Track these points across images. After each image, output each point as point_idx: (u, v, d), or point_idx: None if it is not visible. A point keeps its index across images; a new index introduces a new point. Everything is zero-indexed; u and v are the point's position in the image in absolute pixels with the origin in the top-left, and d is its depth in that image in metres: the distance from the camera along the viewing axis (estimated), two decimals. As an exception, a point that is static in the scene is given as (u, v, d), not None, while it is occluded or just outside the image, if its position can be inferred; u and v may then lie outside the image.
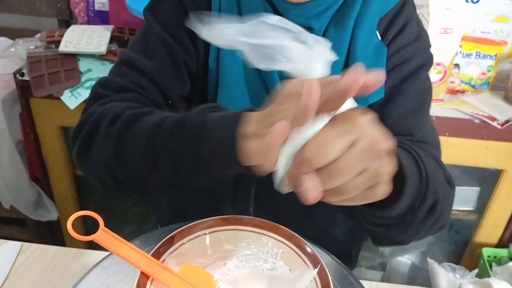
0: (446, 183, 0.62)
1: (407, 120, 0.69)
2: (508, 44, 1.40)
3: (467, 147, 1.33)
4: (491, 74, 1.42)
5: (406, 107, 0.69)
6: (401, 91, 0.69)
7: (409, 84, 0.70)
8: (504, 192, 1.42)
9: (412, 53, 0.70)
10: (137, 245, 0.64)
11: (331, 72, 0.71)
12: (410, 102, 0.70)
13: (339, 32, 0.67)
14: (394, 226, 0.60)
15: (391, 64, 0.69)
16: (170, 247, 0.53)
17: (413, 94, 0.70)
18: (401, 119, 0.69)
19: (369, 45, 0.68)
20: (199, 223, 0.55)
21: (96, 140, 0.61)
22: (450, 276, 0.81)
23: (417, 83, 0.70)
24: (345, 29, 0.67)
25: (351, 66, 0.68)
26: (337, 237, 0.85)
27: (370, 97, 0.68)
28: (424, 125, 0.71)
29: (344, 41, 0.67)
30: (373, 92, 0.68)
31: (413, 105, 0.70)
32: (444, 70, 1.30)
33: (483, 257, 1.45)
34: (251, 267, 0.56)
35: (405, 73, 0.70)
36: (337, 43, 0.67)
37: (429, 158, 0.61)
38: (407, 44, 0.70)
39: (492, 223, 1.49)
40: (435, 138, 0.72)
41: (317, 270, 0.51)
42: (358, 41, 0.67)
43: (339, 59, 0.67)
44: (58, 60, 1.35)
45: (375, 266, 1.75)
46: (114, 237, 0.50)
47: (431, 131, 0.72)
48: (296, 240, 0.55)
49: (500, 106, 1.34)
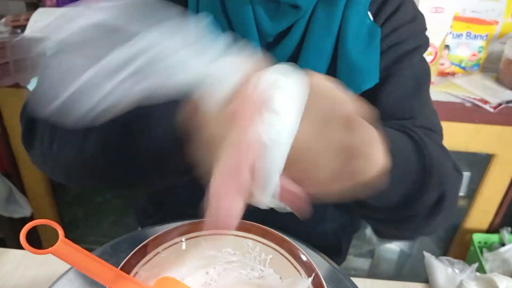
0: (454, 170, 0.56)
1: (406, 101, 0.63)
2: (500, 24, 1.35)
3: (458, 132, 1.29)
4: (482, 55, 1.37)
5: (403, 88, 0.64)
6: (396, 72, 0.64)
7: (405, 64, 0.64)
8: (495, 177, 1.39)
9: (408, 33, 0.65)
10: (109, 252, 0.58)
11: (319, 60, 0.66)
12: (407, 82, 0.64)
13: (329, 13, 0.61)
14: (393, 222, 0.54)
15: (385, 45, 0.64)
16: (142, 258, 0.47)
17: (409, 75, 0.64)
18: (399, 101, 0.63)
19: (361, 27, 0.63)
20: (175, 228, 0.49)
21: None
22: (449, 271, 0.76)
23: (413, 64, 0.65)
24: (335, 9, 0.61)
25: (342, 53, 0.62)
26: (327, 232, 0.80)
27: (362, 84, 0.62)
28: (425, 108, 0.65)
29: (334, 22, 0.62)
30: (366, 79, 0.63)
31: (410, 86, 0.64)
32: (435, 51, 1.24)
33: (474, 243, 1.42)
34: (237, 276, 0.50)
35: (400, 53, 0.65)
36: (327, 24, 0.61)
37: (435, 146, 0.55)
38: (402, 24, 0.65)
39: (482, 208, 1.47)
40: (438, 124, 0.66)
41: (312, 279, 0.45)
42: (349, 23, 0.62)
43: (328, 43, 0.62)
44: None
45: (364, 254, 1.72)
46: (77, 250, 0.43)
47: (433, 116, 0.66)
48: (288, 245, 0.49)
49: (492, 88, 1.29)
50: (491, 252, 1.39)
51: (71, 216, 1.73)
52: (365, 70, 0.62)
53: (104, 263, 0.43)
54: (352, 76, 0.61)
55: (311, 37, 0.62)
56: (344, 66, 0.62)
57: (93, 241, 1.70)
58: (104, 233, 1.74)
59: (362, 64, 0.61)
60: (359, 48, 0.62)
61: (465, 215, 1.51)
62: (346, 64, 0.62)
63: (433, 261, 0.79)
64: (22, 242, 0.42)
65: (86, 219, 1.77)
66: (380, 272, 1.73)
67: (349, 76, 0.61)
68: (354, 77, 0.61)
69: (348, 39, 0.61)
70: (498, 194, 1.43)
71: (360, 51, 0.62)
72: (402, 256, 1.72)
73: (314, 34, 0.62)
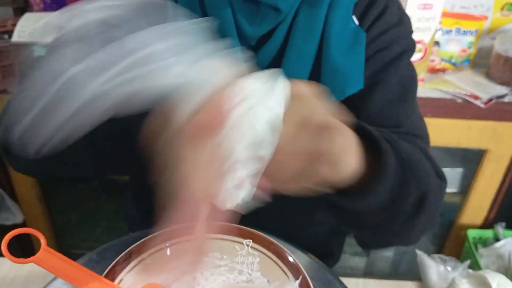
0: (436, 176, 0.55)
1: (392, 109, 0.63)
2: (489, 19, 1.35)
3: (449, 128, 1.29)
4: (472, 51, 1.37)
5: (389, 94, 0.63)
6: (382, 78, 0.63)
7: (391, 70, 0.64)
8: (488, 172, 1.39)
9: (394, 38, 0.64)
10: (95, 259, 0.57)
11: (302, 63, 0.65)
12: (393, 89, 0.64)
13: (311, 16, 0.61)
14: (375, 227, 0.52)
15: (371, 50, 0.63)
16: (127, 264, 0.46)
17: (395, 81, 0.64)
18: (385, 108, 0.63)
19: (344, 30, 0.62)
20: (159, 234, 0.48)
21: None
22: (441, 268, 0.76)
23: (400, 70, 0.65)
24: (317, 12, 0.60)
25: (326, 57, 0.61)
26: (318, 235, 0.79)
27: (346, 88, 0.61)
28: (411, 114, 0.65)
29: (317, 25, 0.61)
30: (349, 83, 0.62)
31: (397, 93, 0.64)
32: (424, 48, 1.24)
33: (468, 239, 1.42)
34: (224, 280, 0.49)
35: (386, 59, 0.64)
36: (309, 28, 0.60)
37: (412, 146, 0.55)
38: (388, 28, 0.64)
39: (476, 204, 1.46)
40: (424, 130, 0.65)
41: (299, 282, 0.45)
42: (332, 26, 0.61)
43: (310, 47, 0.61)
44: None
45: (359, 253, 1.72)
46: (59, 258, 0.42)
47: (419, 122, 0.66)
48: (275, 248, 0.48)
49: (482, 84, 1.29)
50: (486, 248, 1.38)
51: (64, 222, 1.72)
52: (348, 74, 0.61)
53: (87, 271, 0.43)
54: (336, 80, 0.61)
55: (294, 41, 0.61)
56: (327, 70, 0.61)
57: (86, 246, 1.69)
58: (97, 239, 1.73)
59: (345, 68, 0.61)
60: (343, 52, 0.61)
61: (459, 211, 1.50)
62: (329, 68, 0.61)
63: (426, 259, 0.79)
64: (3, 251, 0.42)
65: (78, 225, 1.75)
66: (376, 270, 1.73)
67: (333, 79, 0.61)
68: (337, 80, 0.61)
69: (332, 43, 0.61)
70: (492, 190, 1.43)
71: (343, 55, 0.61)
72: (397, 254, 1.71)
73: (297, 37, 0.61)
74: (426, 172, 0.52)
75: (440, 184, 0.56)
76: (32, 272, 0.72)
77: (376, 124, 0.60)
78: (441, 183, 0.56)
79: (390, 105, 0.63)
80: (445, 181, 0.57)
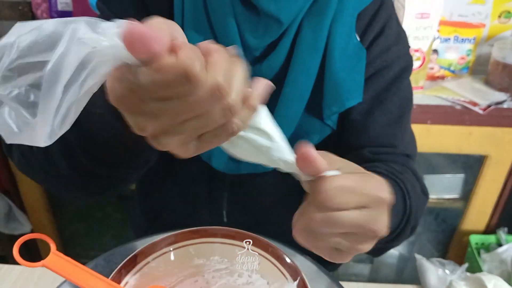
0: (422, 193, 0.63)
1: (390, 129, 0.67)
2: (486, 27, 1.37)
3: (450, 134, 1.30)
4: (470, 58, 1.39)
5: (389, 116, 0.67)
6: (384, 99, 0.67)
7: (392, 91, 0.67)
8: (489, 178, 1.40)
9: (394, 57, 0.67)
10: (102, 264, 0.59)
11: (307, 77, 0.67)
12: (393, 111, 0.67)
13: (315, 30, 0.63)
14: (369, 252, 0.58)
15: (372, 69, 0.66)
16: (133, 267, 0.48)
17: (396, 103, 0.68)
18: (384, 129, 0.66)
19: (347, 46, 0.64)
20: (164, 238, 0.50)
21: None
22: (439, 272, 0.77)
23: (400, 91, 0.68)
24: (321, 28, 0.62)
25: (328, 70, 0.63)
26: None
27: (346, 100, 0.64)
28: (405, 135, 0.69)
29: (321, 39, 0.63)
30: (350, 96, 0.64)
31: (396, 115, 0.67)
32: (422, 56, 1.26)
33: (471, 245, 1.43)
34: (225, 282, 0.51)
35: (387, 79, 0.67)
36: (312, 43, 0.63)
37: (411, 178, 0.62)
38: (388, 47, 0.67)
39: (478, 209, 1.47)
40: (414, 149, 0.71)
41: (297, 283, 0.47)
42: (336, 42, 0.63)
43: (314, 61, 0.63)
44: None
45: (363, 259, 1.72)
46: (68, 262, 0.45)
47: (411, 141, 0.71)
48: (273, 250, 0.50)
49: (481, 90, 1.31)
50: (488, 253, 1.39)
51: (71, 231, 1.74)
52: (349, 88, 0.64)
53: (95, 274, 0.45)
54: (337, 93, 0.63)
55: (298, 53, 0.63)
56: (330, 83, 0.63)
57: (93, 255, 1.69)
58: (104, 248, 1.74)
59: (347, 81, 0.63)
60: (345, 66, 0.63)
61: (462, 217, 1.51)
62: (332, 81, 0.63)
63: (424, 263, 0.80)
64: (15, 255, 0.44)
65: (86, 234, 1.77)
66: (380, 277, 1.74)
67: (335, 93, 0.63)
68: (339, 93, 0.63)
69: (335, 57, 0.63)
70: (493, 195, 1.44)
71: (345, 69, 0.63)
72: (401, 260, 1.72)
73: (302, 50, 0.63)
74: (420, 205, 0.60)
75: (424, 200, 0.64)
76: (41, 279, 0.74)
77: (376, 142, 0.65)
78: (424, 199, 0.64)
79: (389, 126, 0.66)
80: (427, 196, 0.65)
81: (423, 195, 0.64)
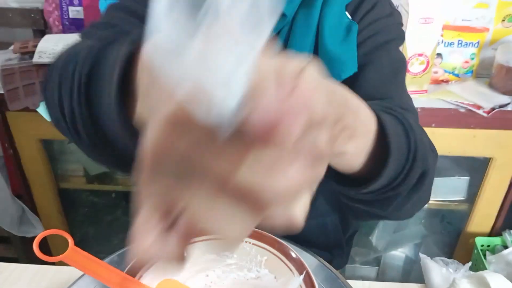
0: (430, 150, 0.56)
1: (384, 86, 0.67)
2: (490, 31, 1.39)
3: (454, 137, 1.32)
4: (474, 62, 1.40)
5: (381, 73, 0.68)
6: (374, 59, 0.69)
7: (382, 52, 0.69)
8: (494, 180, 1.41)
9: (384, 26, 0.70)
10: (116, 261, 0.62)
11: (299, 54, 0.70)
12: (385, 68, 0.69)
13: (307, 15, 0.68)
14: (374, 202, 0.54)
15: (362, 37, 0.69)
16: (146, 262, 0.51)
17: (386, 62, 0.69)
18: (378, 85, 0.67)
19: (338, 25, 0.68)
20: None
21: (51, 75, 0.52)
22: (443, 271, 0.79)
23: (390, 53, 0.70)
24: (312, 11, 0.68)
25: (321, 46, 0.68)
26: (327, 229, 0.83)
27: (342, 72, 0.67)
28: (401, 92, 0.69)
29: (312, 20, 0.68)
30: (344, 68, 0.68)
31: (388, 72, 0.69)
32: (426, 61, 1.28)
33: (477, 247, 1.43)
34: (235, 277, 0.54)
35: (376, 43, 0.70)
36: (305, 23, 0.68)
37: (417, 126, 0.56)
38: (378, 18, 0.70)
39: (484, 212, 1.48)
40: (413, 105, 0.68)
41: (303, 277, 0.49)
42: (326, 20, 0.68)
43: (308, 39, 0.68)
44: (32, 72, 1.31)
45: (370, 262, 1.74)
46: (85, 256, 0.47)
47: (409, 99, 0.69)
48: (280, 246, 0.53)
49: (485, 93, 1.32)
50: (494, 255, 1.40)
51: (82, 234, 1.77)
52: (343, 60, 0.67)
53: (111, 268, 0.47)
54: (332, 66, 0.67)
55: (293, 38, 0.68)
56: (323, 57, 0.67)
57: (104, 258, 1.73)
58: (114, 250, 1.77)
59: (340, 54, 0.67)
60: (337, 41, 0.67)
61: (467, 219, 1.52)
62: (325, 56, 0.67)
63: (428, 262, 0.82)
64: (35, 250, 0.47)
65: (96, 237, 1.80)
66: (387, 279, 1.75)
67: (329, 66, 0.67)
68: (333, 66, 0.66)
69: (325, 34, 0.67)
70: (499, 197, 1.45)
71: (338, 44, 0.67)
72: (408, 262, 1.73)
73: (296, 34, 0.68)
74: (427, 149, 0.54)
75: (434, 157, 0.57)
76: (54, 279, 0.76)
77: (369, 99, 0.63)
78: (434, 157, 0.58)
79: (382, 82, 0.67)
80: (436, 154, 0.59)
81: (431, 152, 0.57)
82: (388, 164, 0.45)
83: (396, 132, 0.47)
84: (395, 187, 0.50)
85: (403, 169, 0.49)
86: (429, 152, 0.55)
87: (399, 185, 0.50)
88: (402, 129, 0.50)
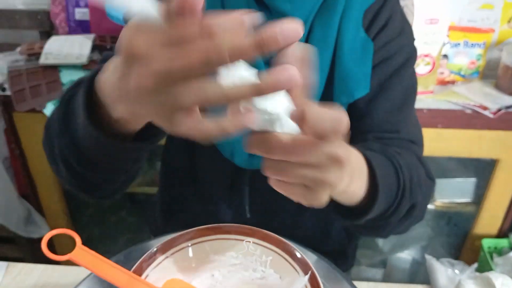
0: (427, 178, 0.64)
1: (393, 116, 0.69)
2: (496, 32, 1.39)
3: (460, 138, 1.31)
4: (480, 63, 1.40)
5: (392, 103, 0.69)
6: (387, 87, 0.69)
7: (395, 79, 0.69)
8: (501, 182, 1.40)
9: (397, 48, 0.70)
10: (122, 260, 0.62)
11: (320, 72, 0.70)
12: (396, 97, 0.69)
13: (325, 28, 0.66)
14: (368, 228, 0.62)
15: (376, 59, 0.69)
16: (152, 262, 0.51)
17: (399, 90, 0.70)
18: (387, 115, 0.68)
19: (355, 40, 0.68)
20: (182, 234, 0.53)
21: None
22: (449, 272, 0.78)
23: (403, 79, 0.70)
24: (330, 24, 0.66)
25: (338, 63, 0.67)
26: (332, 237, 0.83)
27: (355, 91, 0.67)
28: (409, 121, 0.71)
29: (330, 37, 0.66)
30: (358, 87, 0.68)
31: (399, 101, 0.70)
32: (432, 62, 1.28)
33: (484, 249, 1.43)
34: (240, 277, 0.54)
35: (391, 68, 0.69)
36: (323, 40, 0.66)
37: (411, 158, 0.63)
38: (391, 39, 0.70)
39: (490, 213, 1.47)
40: (419, 135, 0.72)
41: (308, 277, 0.49)
42: (345, 37, 0.67)
43: (326, 56, 0.67)
44: (39, 73, 1.32)
45: (376, 264, 1.73)
46: (92, 255, 0.47)
47: (415, 128, 0.72)
48: (285, 246, 0.53)
49: (491, 94, 1.32)
50: (501, 257, 1.39)
51: (88, 235, 1.77)
52: (358, 79, 0.67)
53: (118, 267, 0.48)
54: (347, 84, 0.67)
55: None
56: (340, 76, 0.67)
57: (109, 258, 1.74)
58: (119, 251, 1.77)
59: (355, 73, 0.67)
60: (354, 59, 0.67)
61: (474, 221, 1.51)
62: (342, 73, 0.67)
63: (434, 263, 0.82)
64: (43, 249, 0.47)
65: (102, 238, 1.81)
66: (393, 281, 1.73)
67: (344, 84, 0.67)
68: (348, 85, 0.67)
69: (344, 51, 0.67)
70: (505, 199, 1.44)
71: (354, 62, 0.67)
72: (414, 264, 1.73)
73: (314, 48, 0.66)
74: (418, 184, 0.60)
75: (430, 184, 0.65)
76: (61, 278, 0.77)
77: (378, 128, 0.67)
78: (431, 184, 0.65)
79: (392, 112, 0.68)
80: (434, 181, 0.66)
81: (429, 179, 0.65)
82: (376, 201, 0.51)
83: (385, 173, 0.53)
84: (386, 218, 0.57)
85: (393, 204, 0.56)
86: (422, 185, 0.62)
87: (389, 217, 0.57)
88: (393, 170, 0.57)
